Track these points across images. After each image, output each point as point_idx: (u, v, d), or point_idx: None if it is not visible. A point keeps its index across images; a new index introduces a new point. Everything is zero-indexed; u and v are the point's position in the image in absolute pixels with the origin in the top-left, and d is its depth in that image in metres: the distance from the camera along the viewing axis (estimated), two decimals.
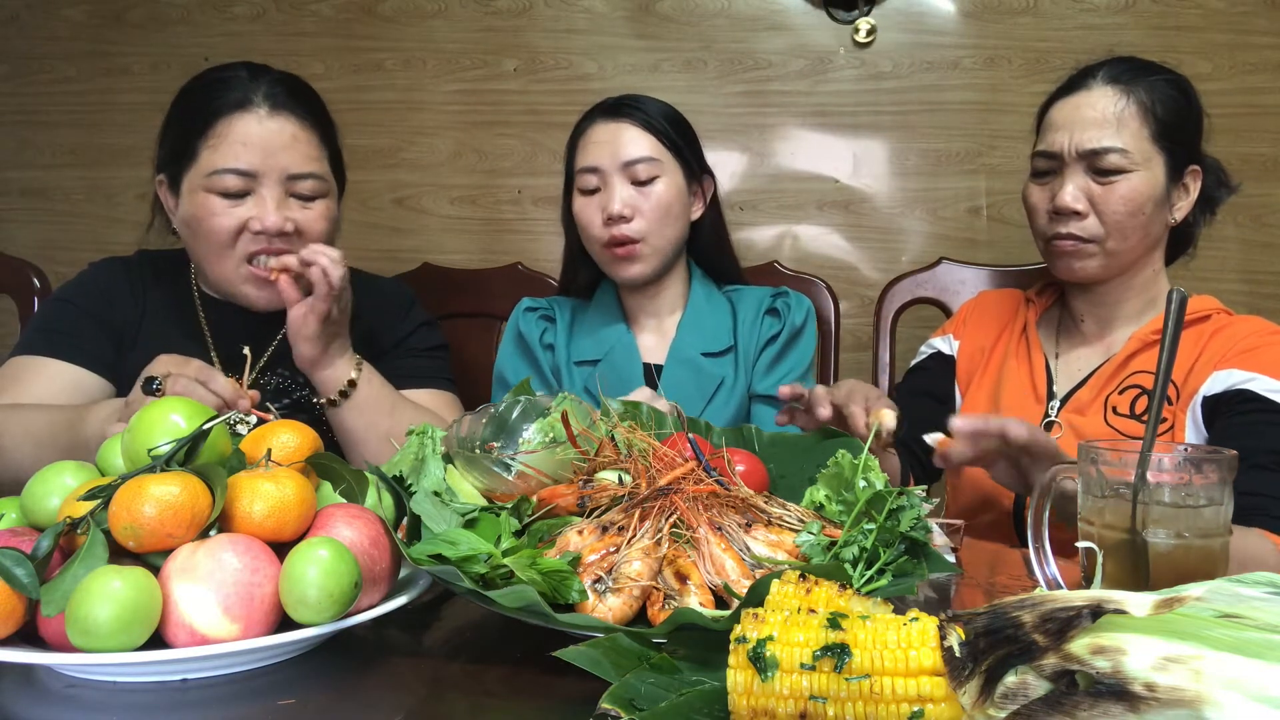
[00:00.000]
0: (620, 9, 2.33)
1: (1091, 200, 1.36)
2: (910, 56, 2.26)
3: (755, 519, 0.87)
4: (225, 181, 1.34)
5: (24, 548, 0.69)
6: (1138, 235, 1.37)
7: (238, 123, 1.35)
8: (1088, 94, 1.39)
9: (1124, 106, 1.35)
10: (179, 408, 0.80)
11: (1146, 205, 1.35)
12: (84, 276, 1.50)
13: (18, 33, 2.47)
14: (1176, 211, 1.40)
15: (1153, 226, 1.38)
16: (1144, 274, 1.43)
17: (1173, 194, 1.39)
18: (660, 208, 1.53)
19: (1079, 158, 1.36)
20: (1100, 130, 1.35)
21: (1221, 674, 0.48)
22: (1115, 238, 1.36)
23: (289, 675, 0.73)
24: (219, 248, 1.36)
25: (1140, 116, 1.35)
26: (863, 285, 2.29)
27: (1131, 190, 1.34)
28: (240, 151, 1.34)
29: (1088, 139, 1.35)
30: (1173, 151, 1.36)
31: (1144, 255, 1.41)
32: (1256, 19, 2.18)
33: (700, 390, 1.56)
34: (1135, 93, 1.36)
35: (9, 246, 2.20)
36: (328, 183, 1.42)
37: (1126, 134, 1.35)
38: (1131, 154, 1.34)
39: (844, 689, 0.54)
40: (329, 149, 1.45)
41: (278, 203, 1.35)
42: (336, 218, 1.46)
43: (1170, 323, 0.82)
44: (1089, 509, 0.82)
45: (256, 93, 1.37)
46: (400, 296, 1.61)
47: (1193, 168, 1.39)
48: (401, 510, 0.85)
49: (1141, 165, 1.35)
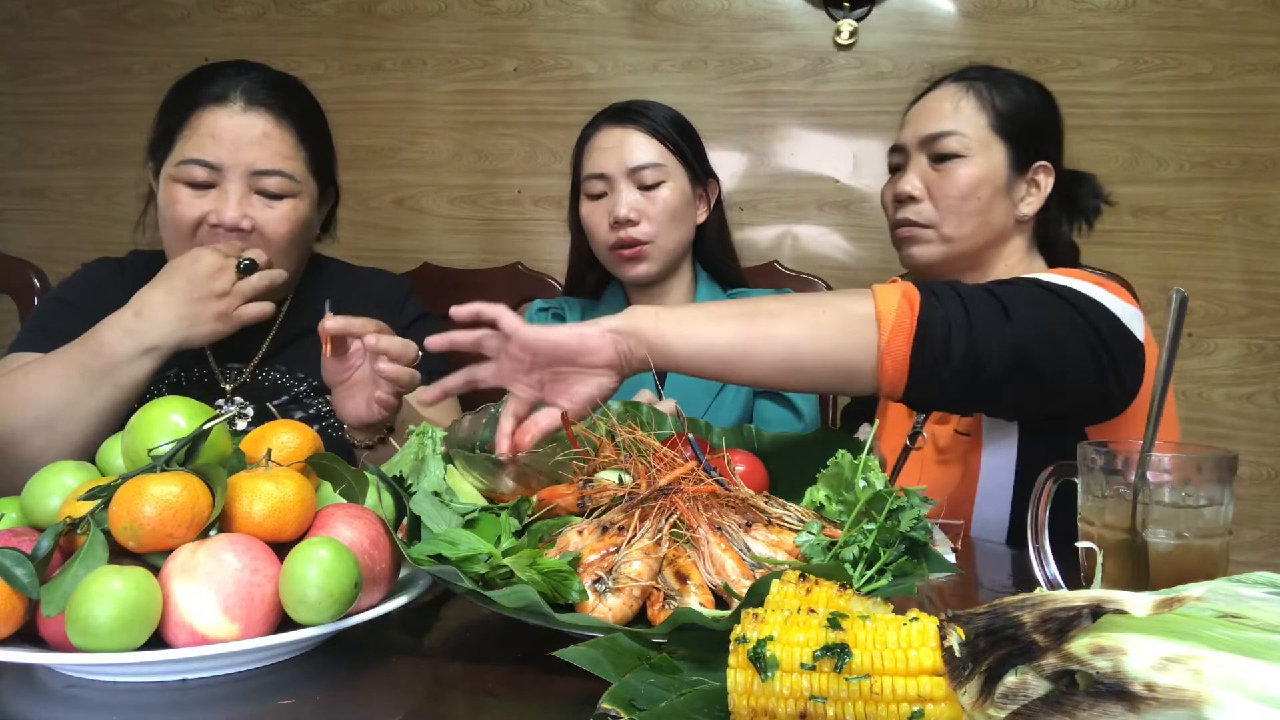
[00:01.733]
0: (620, 9, 2.33)
1: (928, 186, 1.38)
2: (910, 56, 2.26)
3: (755, 519, 0.88)
4: (191, 172, 1.34)
5: (24, 548, 0.69)
6: (974, 221, 1.37)
7: (210, 116, 1.35)
8: (934, 92, 1.44)
9: (962, 98, 1.39)
10: (179, 408, 0.80)
11: (981, 190, 1.36)
12: (77, 275, 1.50)
13: (18, 33, 2.47)
14: (1024, 205, 1.39)
15: (992, 215, 1.37)
16: (996, 267, 1.42)
17: (1016, 187, 1.39)
18: (667, 212, 1.55)
19: (919, 146, 1.39)
20: (939, 119, 1.39)
21: (1221, 674, 0.48)
22: (950, 223, 1.37)
23: (289, 675, 0.73)
24: (178, 238, 1.37)
25: (978, 106, 1.38)
26: (863, 285, 2.28)
27: (965, 175, 1.36)
28: (208, 143, 1.34)
29: (926, 126, 1.39)
30: (1015, 143, 1.37)
31: (990, 247, 1.40)
32: (1256, 19, 2.18)
33: (705, 390, 1.57)
34: (976, 87, 1.40)
35: (9, 246, 2.20)
36: (298, 183, 1.39)
37: (962, 119, 1.37)
38: (966, 138, 1.36)
39: (844, 689, 0.54)
40: (309, 150, 1.42)
41: (239, 198, 1.34)
42: (307, 219, 1.43)
43: (1171, 323, 0.82)
44: (1089, 509, 0.82)
45: (236, 88, 1.37)
46: (396, 290, 1.61)
47: (1042, 163, 1.39)
48: (401, 510, 0.85)
49: (977, 151, 1.36)
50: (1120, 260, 2.10)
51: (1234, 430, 2.24)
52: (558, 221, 1.68)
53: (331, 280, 1.56)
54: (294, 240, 1.41)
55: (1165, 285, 2.08)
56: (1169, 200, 2.23)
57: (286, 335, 1.50)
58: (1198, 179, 2.23)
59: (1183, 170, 2.23)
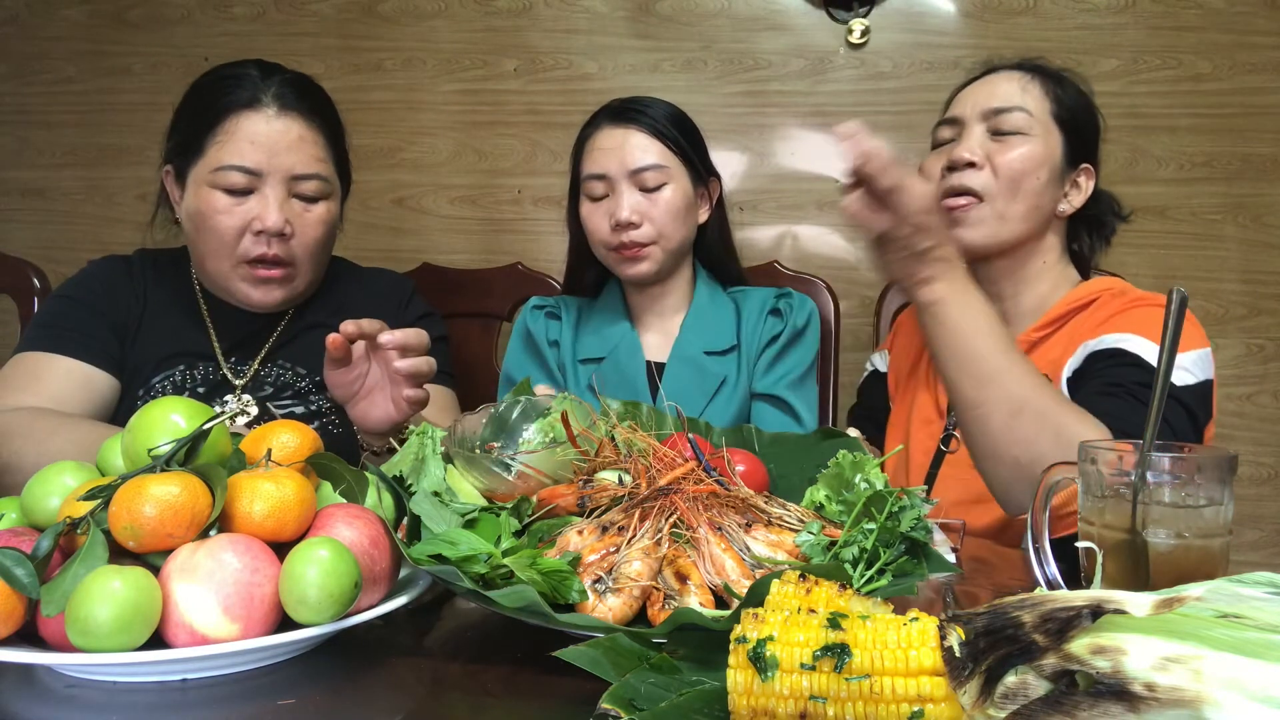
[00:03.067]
0: (620, 9, 2.33)
1: (988, 156, 1.36)
2: (910, 56, 2.26)
3: (755, 519, 0.88)
4: (230, 178, 1.35)
5: (24, 548, 0.69)
6: (1027, 203, 1.35)
7: (245, 121, 1.36)
8: (994, 75, 1.42)
9: (1028, 82, 1.38)
10: (179, 408, 0.80)
11: (1041, 171, 1.35)
12: (84, 273, 1.50)
13: (18, 33, 2.47)
14: (1067, 201, 1.39)
15: (1043, 200, 1.36)
16: (1034, 264, 1.41)
17: (1066, 180, 1.39)
18: (669, 213, 1.54)
19: (981, 118, 1.37)
20: (1006, 96, 1.37)
21: (1221, 674, 0.48)
22: (1005, 196, 1.34)
23: (289, 675, 0.73)
24: (220, 245, 1.38)
25: (1043, 92, 1.37)
26: (863, 285, 2.29)
27: (1029, 152, 1.34)
28: (247, 149, 1.35)
29: (991, 100, 1.37)
30: (1071, 137, 1.37)
31: (1033, 235, 1.38)
32: (1256, 19, 2.18)
33: (702, 389, 1.57)
34: (1040, 76, 1.39)
35: (9, 246, 2.20)
36: (331, 184, 1.43)
37: (1030, 100, 1.36)
38: (1032, 118, 1.35)
39: (844, 689, 0.54)
40: (335, 151, 1.45)
41: (279, 203, 1.36)
42: (337, 220, 1.47)
43: (1170, 323, 0.82)
44: (1089, 509, 0.82)
45: (266, 92, 1.38)
46: (399, 288, 1.61)
47: (1086, 165, 1.39)
48: (401, 510, 0.85)
49: (1040, 133, 1.35)
50: (1120, 260, 2.10)
51: (1234, 430, 2.24)
52: (558, 221, 1.67)
53: (338, 279, 1.57)
54: (327, 242, 1.45)
55: (1165, 285, 2.08)
56: (1169, 200, 2.23)
57: (292, 331, 1.50)
58: (1198, 179, 2.23)
59: (1183, 170, 2.23)
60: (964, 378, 1.13)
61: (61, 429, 1.25)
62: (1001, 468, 1.14)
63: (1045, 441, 1.10)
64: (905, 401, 1.52)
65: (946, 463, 1.40)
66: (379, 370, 1.19)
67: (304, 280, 1.45)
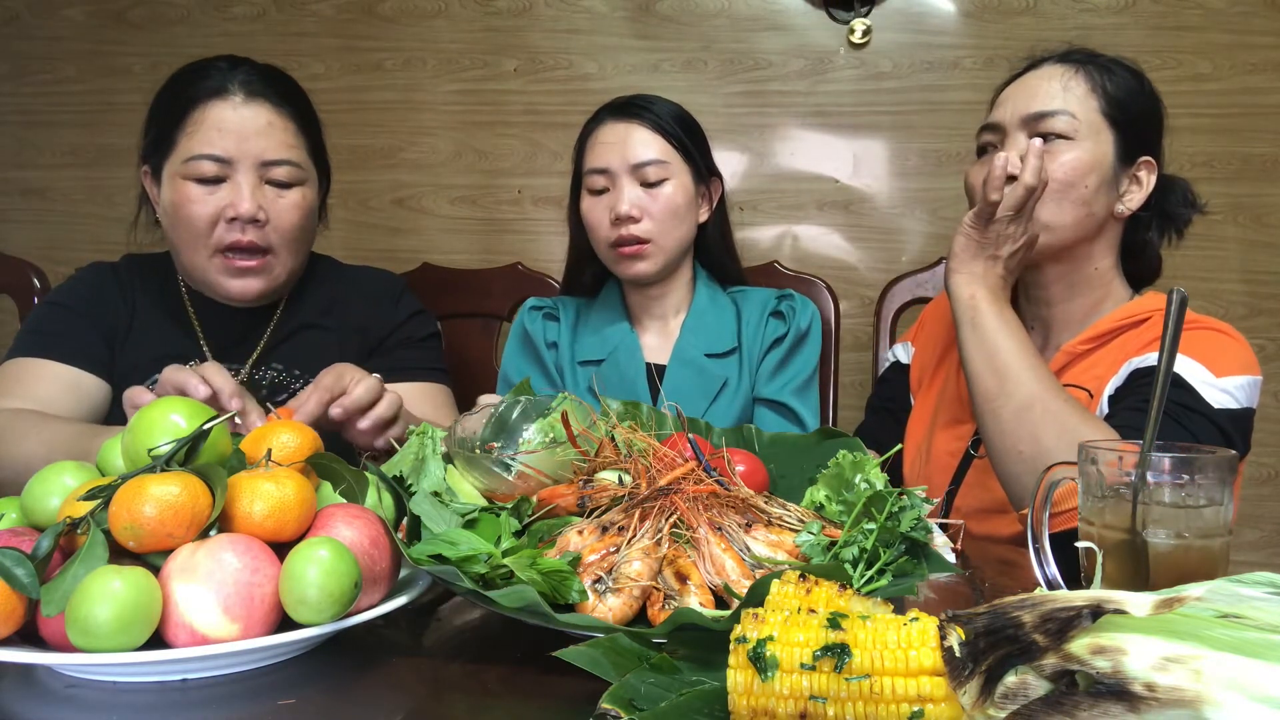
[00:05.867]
0: (620, 9, 2.33)
1: None
2: (910, 56, 2.26)
3: (755, 519, 0.88)
4: (201, 167, 1.35)
5: (24, 548, 0.69)
6: (1077, 212, 1.27)
7: (213, 110, 1.36)
8: (1036, 71, 1.34)
9: (1071, 78, 1.29)
10: (179, 408, 0.80)
11: (1088, 178, 1.26)
12: (72, 280, 1.51)
13: (18, 33, 2.47)
14: (1126, 200, 1.31)
15: (1095, 207, 1.28)
16: (1085, 270, 1.33)
17: (1122, 179, 1.30)
18: (669, 209, 1.53)
19: (1021, 124, 1.29)
20: (1047, 98, 1.28)
21: (1221, 674, 0.48)
22: (1050, 208, 1.26)
23: (289, 675, 0.73)
24: (194, 236, 1.37)
25: (1089, 88, 1.29)
26: (863, 285, 2.29)
27: (1073, 159, 1.26)
28: (215, 137, 1.35)
29: (1031, 104, 1.29)
30: (1124, 132, 1.28)
31: (1084, 242, 1.31)
32: (1256, 19, 2.18)
33: (703, 391, 1.56)
34: (1086, 69, 1.30)
35: (9, 246, 2.20)
36: (305, 171, 1.42)
37: (1072, 100, 1.28)
38: (1076, 120, 1.27)
39: (844, 689, 0.54)
40: (308, 138, 1.45)
41: (252, 189, 1.36)
42: (313, 207, 1.46)
43: (1170, 323, 0.82)
44: (1089, 509, 0.82)
45: (233, 80, 1.38)
46: (391, 286, 1.61)
47: (1146, 158, 1.31)
48: (401, 510, 0.85)
49: (1087, 136, 1.27)
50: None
51: None
52: (558, 221, 1.67)
53: (325, 278, 1.56)
54: (304, 228, 1.44)
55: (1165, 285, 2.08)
56: None
57: (282, 333, 1.50)
58: (1198, 179, 2.19)
59: (1183, 170, 2.19)
60: (987, 371, 1.20)
61: (36, 430, 1.25)
62: (1009, 461, 1.17)
63: (1050, 437, 1.12)
64: (929, 400, 1.50)
65: (974, 468, 1.37)
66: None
67: (283, 269, 1.43)
